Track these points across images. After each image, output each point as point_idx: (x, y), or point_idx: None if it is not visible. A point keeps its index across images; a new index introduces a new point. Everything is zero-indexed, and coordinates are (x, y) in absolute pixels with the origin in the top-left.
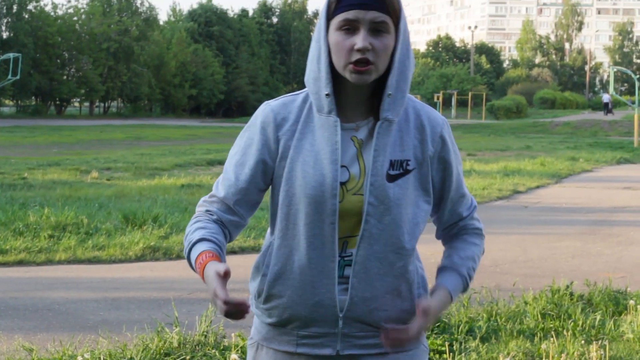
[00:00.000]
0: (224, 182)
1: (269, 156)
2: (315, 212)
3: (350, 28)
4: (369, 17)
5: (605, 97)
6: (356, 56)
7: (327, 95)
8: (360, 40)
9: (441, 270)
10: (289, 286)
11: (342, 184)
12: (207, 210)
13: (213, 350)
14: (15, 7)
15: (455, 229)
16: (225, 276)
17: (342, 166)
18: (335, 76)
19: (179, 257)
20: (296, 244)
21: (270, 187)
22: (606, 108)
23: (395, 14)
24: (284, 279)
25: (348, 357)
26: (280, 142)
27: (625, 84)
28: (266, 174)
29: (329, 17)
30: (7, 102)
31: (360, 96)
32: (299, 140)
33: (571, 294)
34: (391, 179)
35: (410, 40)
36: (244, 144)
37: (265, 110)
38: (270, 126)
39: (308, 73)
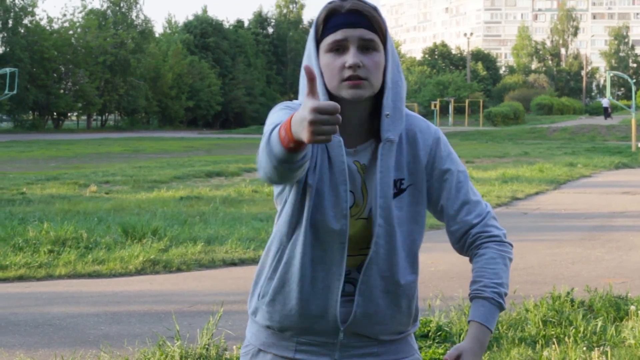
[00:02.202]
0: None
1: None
2: (326, 232)
3: (340, 48)
4: (357, 35)
5: (605, 102)
6: (348, 73)
7: None
8: (350, 57)
9: (471, 300)
10: (293, 297)
11: (349, 208)
12: None
13: None
14: (10, 21)
15: (469, 239)
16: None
17: (350, 191)
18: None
19: (179, 269)
20: (306, 258)
21: (292, 194)
22: (606, 112)
23: (382, 33)
24: (289, 289)
25: None
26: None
27: (622, 89)
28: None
29: (318, 40)
30: (4, 117)
31: (357, 119)
32: (321, 158)
33: (572, 301)
34: (393, 198)
35: (399, 61)
36: (283, 112)
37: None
38: None
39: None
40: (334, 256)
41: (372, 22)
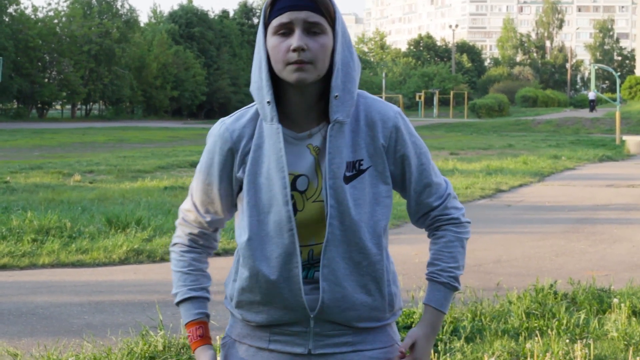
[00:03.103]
0: (198, 203)
1: (232, 174)
2: (273, 222)
3: (286, 31)
4: (302, 17)
5: (591, 95)
6: (293, 57)
7: (268, 102)
8: (295, 40)
9: (428, 281)
10: (257, 293)
11: (302, 192)
12: (191, 233)
13: None
14: None
15: (428, 220)
16: None
17: (302, 175)
18: (280, 85)
19: (162, 259)
20: (261, 253)
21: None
22: (591, 105)
23: (330, 15)
24: (252, 287)
25: (320, 355)
26: (239, 158)
27: (607, 82)
28: (233, 190)
29: (266, 24)
30: None
31: (308, 102)
32: (255, 152)
33: (555, 293)
34: (347, 180)
35: (351, 42)
36: (206, 164)
37: (221, 129)
38: (227, 145)
39: (252, 83)
40: (287, 246)
41: (318, 4)
